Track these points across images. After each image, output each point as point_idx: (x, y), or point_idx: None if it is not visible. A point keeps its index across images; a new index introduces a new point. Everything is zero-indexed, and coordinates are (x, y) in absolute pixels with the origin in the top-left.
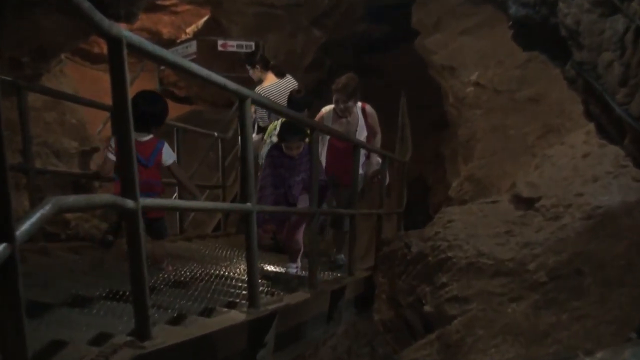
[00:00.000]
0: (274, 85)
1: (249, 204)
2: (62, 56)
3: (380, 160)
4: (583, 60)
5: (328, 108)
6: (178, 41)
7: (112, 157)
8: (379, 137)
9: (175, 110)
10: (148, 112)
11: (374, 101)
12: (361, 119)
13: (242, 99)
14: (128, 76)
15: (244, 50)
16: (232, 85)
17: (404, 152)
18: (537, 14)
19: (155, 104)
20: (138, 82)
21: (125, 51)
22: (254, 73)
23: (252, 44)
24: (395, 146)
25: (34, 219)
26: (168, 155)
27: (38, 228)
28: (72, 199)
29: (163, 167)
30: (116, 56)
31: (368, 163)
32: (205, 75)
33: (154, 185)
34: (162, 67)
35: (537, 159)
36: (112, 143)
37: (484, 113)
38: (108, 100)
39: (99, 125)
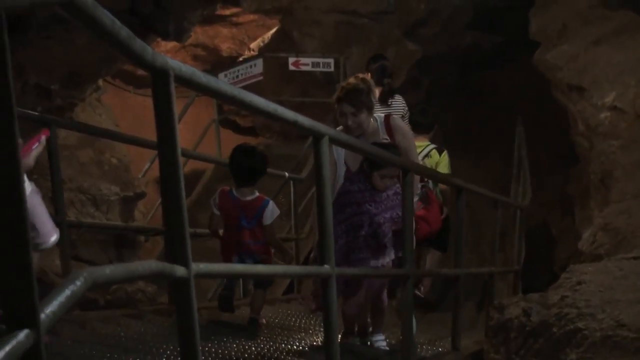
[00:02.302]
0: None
1: (327, 267)
2: (100, 82)
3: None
4: None
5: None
6: (240, 59)
7: (217, 211)
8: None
9: (238, 143)
10: (249, 166)
11: (483, 129)
12: (385, 135)
13: (318, 137)
14: (176, 115)
15: (320, 69)
16: (304, 121)
17: (522, 194)
18: None
19: (255, 157)
20: (192, 110)
21: (172, 85)
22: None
23: (331, 61)
24: (511, 187)
25: (62, 298)
26: (270, 215)
27: (68, 309)
28: (109, 270)
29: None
30: (162, 91)
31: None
32: (271, 111)
33: (253, 248)
34: None
35: None
36: (217, 197)
37: (623, 145)
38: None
39: (145, 164)
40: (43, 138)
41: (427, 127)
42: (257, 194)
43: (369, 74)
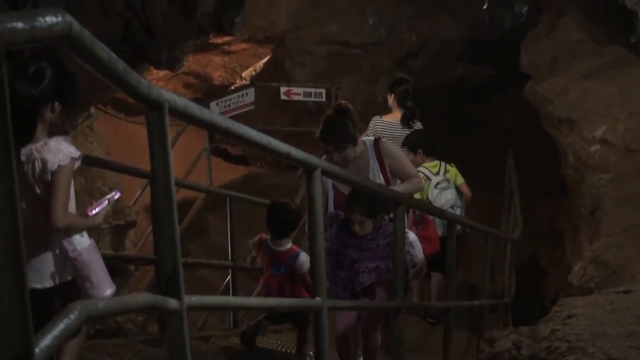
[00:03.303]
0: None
1: (318, 299)
2: (92, 109)
3: (412, 237)
4: None
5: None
6: (232, 88)
7: (255, 254)
8: (417, 180)
9: (228, 172)
10: (283, 222)
11: (474, 160)
12: (373, 160)
13: (311, 170)
14: (170, 147)
15: (311, 99)
16: (297, 153)
17: (512, 226)
18: None
19: (289, 214)
20: (183, 138)
21: (167, 118)
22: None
23: (323, 91)
24: (501, 219)
25: (56, 332)
26: (302, 265)
27: (62, 342)
28: (102, 304)
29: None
30: (157, 124)
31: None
32: (265, 143)
33: (277, 295)
34: None
35: None
36: (256, 243)
37: (613, 178)
38: (147, 160)
39: (136, 191)
40: (115, 196)
41: (433, 149)
42: (289, 245)
43: (393, 95)
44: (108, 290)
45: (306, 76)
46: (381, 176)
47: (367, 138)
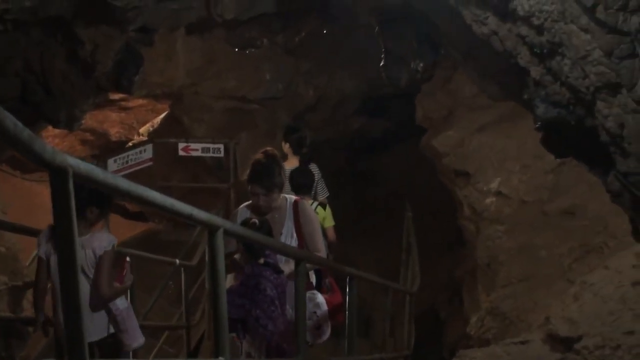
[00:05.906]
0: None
1: (221, 358)
2: None
3: (321, 300)
4: (629, 170)
5: (242, 206)
6: (130, 144)
7: None
8: (322, 255)
9: (127, 228)
10: None
11: (373, 213)
12: (289, 219)
13: (213, 230)
14: (74, 211)
15: (210, 154)
16: (200, 214)
17: (410, 279)
18: (571, 114)
19: None
20: None
21: (71, 183)
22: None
23: (221, 146)
24: (400, 272)
25: None
26: None
27: None
28: None
29: None
30: (60, 189)
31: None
32: (168, 206)
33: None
34: None
35: (575, 287)
36: None
37: (507, 229)
38: (46, 218)
39: (34, 251)
40: (127, 264)
41: (309, 188)
42: None
43: (288, 144)
44: (140, 339)
45: (204, 131)
46: (294, 235)
47: (289, 196)
